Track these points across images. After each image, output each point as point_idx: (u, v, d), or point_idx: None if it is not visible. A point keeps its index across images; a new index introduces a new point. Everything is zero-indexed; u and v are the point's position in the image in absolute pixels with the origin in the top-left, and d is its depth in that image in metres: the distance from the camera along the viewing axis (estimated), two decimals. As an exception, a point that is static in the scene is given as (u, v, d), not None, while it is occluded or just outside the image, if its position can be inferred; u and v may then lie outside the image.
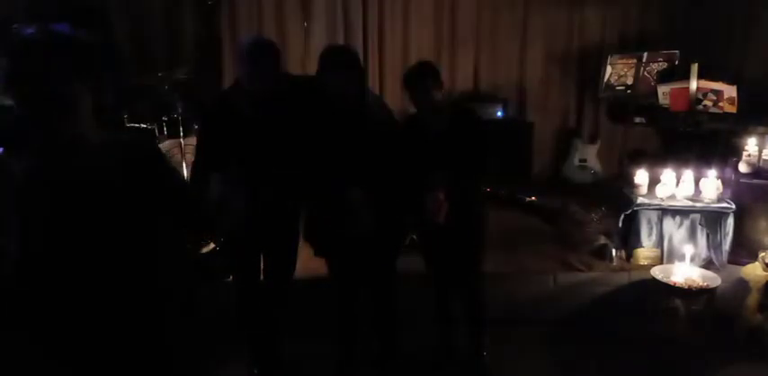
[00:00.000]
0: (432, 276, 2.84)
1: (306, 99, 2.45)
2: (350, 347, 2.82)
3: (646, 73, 4.62)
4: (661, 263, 3.43)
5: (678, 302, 2.94)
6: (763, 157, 3.61)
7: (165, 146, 3.85)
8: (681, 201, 3.52)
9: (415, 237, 3.32)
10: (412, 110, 2.65)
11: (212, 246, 3.38)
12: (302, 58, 4.87)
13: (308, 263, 2.92)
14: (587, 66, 5.19)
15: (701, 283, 3.00)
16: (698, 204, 3.49)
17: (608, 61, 4.79)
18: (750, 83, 4.39)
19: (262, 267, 2.69)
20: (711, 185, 3.48)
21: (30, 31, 1.28)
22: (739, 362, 2.96)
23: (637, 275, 3.36)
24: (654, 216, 3.52)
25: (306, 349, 2.91)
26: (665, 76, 4.39)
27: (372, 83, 4.94)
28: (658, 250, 3.52)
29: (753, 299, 3.14)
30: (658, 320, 3.02)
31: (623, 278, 3.39)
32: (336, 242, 2.57)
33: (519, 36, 5.23)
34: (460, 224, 2.55)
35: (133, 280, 1.41)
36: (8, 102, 1.30)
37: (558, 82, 5.32)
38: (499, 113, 5.00)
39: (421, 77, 2.49)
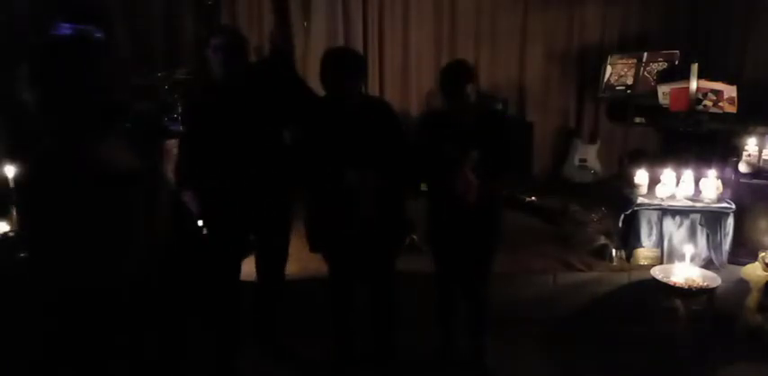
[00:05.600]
0: (439, 274, 2.82)
1: (267, 82, 2.54)
2: (347, 347, 2.82)
3: (646, 73, 4.62)
4: (661, 263, 3.43)
5: (678, 302, 2.93)
6: (763, 157, 3.60)
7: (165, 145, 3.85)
8: (681, 201, 3.52)
9: (415, 237, 3.33)
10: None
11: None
12: (302, 58, 4.86)
13: (307, 263, 2.92)
14: (587, 66, 5.19)
15: (700, 283, 3.00)
16: (698, 204, 3.49)
17: (608, 61, 4.79)
18: (750, 83, 4.39)
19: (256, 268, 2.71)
20: (711, 185, 3.48)
21: (54, 33, 1.31)
22: (739, 362, 2.96)
23: (637, 275, 3.36)
24: (654, 216, 3.52)
25: (305, 349, 2.91)
26: (665, 76, 4.39)
27: (372, 83, 4.94)
28: (658, 250, 3.52)
29: (753, 299, 3.14)
30: (658, 320, 3.02)
31: (623, 278, 3.39)
32: (335, 237, 2.57)
33: (519, 36, 5.21)
34: (480, 223, 2.56)
35: (134, 279, 1.42)
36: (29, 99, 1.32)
37: (557, 82, 5.31)
38: (499, 113, 4.99)
39: (457, 76, 2.51)
